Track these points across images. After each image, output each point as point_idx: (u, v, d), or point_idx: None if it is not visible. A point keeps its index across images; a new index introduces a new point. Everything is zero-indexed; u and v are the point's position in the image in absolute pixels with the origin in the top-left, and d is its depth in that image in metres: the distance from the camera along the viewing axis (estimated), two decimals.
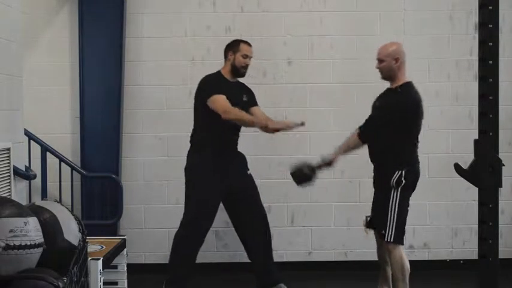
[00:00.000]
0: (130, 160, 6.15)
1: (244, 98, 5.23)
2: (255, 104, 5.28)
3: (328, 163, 4.82)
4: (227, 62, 5.21)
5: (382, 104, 4.71)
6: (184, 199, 5.16)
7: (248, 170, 5.26)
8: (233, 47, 5.20)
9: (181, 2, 6.14)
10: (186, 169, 5.19)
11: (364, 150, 4.83)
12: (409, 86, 4.66)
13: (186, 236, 5.07)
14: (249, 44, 5.23)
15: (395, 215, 4.51)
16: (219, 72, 5.23)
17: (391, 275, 4.68)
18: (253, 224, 5.19)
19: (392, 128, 4.54)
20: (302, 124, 4.93)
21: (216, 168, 5.03)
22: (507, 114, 5.88)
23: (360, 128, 4.80)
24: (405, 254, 4.59)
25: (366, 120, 4.80)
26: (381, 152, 4.65)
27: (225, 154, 5.10)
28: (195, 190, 5.07)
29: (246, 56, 5.18)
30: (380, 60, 4.68)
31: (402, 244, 4.59)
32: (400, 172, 4.51)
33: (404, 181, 4.51)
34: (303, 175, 4.79)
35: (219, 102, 4.99)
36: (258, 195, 5.24)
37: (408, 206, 4.60)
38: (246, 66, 5.20)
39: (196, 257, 5.13)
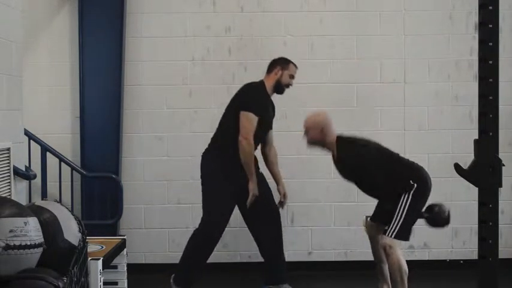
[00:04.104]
0: (130, 160, 6.15)
1: (272, 115, 5.29)
2: (271, 126, 5.31)
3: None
4: (272, 76, 5.18)
5: (348, 169, 4.77)
6: (202, 201, 5.11)
7: (259, 168, 5.25)
8: (282, 63, 5.19)
9: (181, 2, 6.14)
10: (203, 173, 5.12)
11: None
12: (339, 140, 4.76)
13: (202, 238, 5.06)
14: (296, 66, 5.24)
15: (404, 215, 4.50)
16: (263, 84, 5.18)
17: (390, 276, 4.68)
18: (266, 222, 5.19)
19: (372, 173, 4.59)
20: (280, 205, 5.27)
21: (233, 171, 4.98)
22: (507, 114, 5.88)
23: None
24: (402, 256, 4.58)
25: (362, 189, 4.83)
26: (383, 191, 4.67)
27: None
28: (212, 195, 5.04)
29: (292, 77, 5.20)
30: (306, 130, 4.81)
31: (407, 240, 4.59)
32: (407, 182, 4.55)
33: (416, 185, 4.51)
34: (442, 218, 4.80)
35: (249, 125, 4.96)
36: (270, 193, 5.23)
37: (420, 209, 4.60)
38: (288, 86, 5.22)
39: (208, 259, 5.13)
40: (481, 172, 2.82)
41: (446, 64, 6.19)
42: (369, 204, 4.88)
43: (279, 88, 5.20)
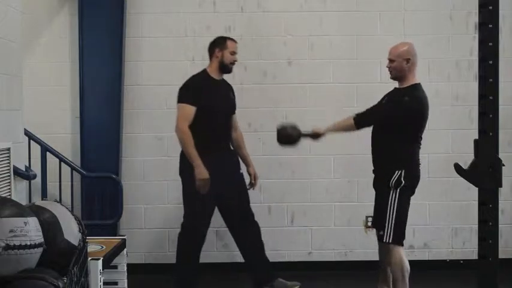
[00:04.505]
0: (131, 160, 6.15)
1: (232, 96, 5.28)
2: (234, 110, 5.30)
3: (315, 135, 4.81)
4: (214, 60, 5.18)
5: (386, 102, 4.71)
6: (183, 201, 5.17)
7: (240, 169, 5.26)
8: (220, 44, 5.18)
9: (181, 2, 6.14)
10: (180, 172, 5.18)
11: (365, 150, 4.84)
12: (416, 87, 4.64)
13: (186, 237, 5.11)
14: (234, 41, 5.24)
15: (394, 216, 4.50)
16: (204, 71, 5.20)
17: (391, 275, 4.68)
18: (245, 223, 5.22)
19: (393, 127, 4.54)
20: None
21: (208, 170, 4.96)
22: (507, 114, 5.88)
23: (357, 114, 4.77)
24: (405, 255, 4.59)
25: (367, 109, 4.77)
26: (382, 152, 4.65)
27: (217, 154, 5.06)
28: (190, 193, 5.07)
29: (233, 53, 5.18)
30: (391, 60, 4.67)
31: (401, 245, 4.58)
32: (399, 172, 4.51)
33: (403, 182, 4.51)
34: (287, 135, 4.78)
35: (181, 113, 4.98)
36: (247, 195, 5.25)
37: (408, 207, 4.60)
38: (234, 63, 5.20)
39: (199, 257, 5.16)
40: (481, 172, 2.82)
41: (446, 64, 6.19)
42: (369, 204, 4.88)
43: (225, 68, 5.18)
